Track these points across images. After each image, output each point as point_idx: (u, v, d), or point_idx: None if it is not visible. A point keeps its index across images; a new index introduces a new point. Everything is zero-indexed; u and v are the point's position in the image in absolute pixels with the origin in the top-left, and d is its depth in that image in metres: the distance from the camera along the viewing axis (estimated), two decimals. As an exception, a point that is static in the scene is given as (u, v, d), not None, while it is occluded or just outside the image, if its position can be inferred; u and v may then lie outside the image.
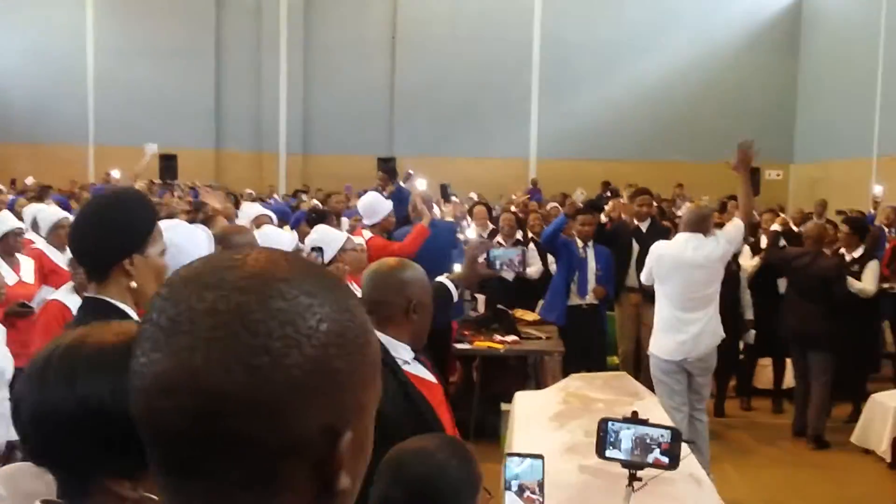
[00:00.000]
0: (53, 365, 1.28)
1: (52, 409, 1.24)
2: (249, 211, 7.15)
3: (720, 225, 7.97)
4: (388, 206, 6.79)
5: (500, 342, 6.87)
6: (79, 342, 1.31)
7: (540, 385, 6.70)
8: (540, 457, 2.65)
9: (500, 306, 7.48)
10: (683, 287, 5.93)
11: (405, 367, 2.62)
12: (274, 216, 6.98)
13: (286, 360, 0.73)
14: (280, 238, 4.94)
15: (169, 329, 0.74)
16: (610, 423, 2.88)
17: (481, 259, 4.07)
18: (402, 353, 2.64)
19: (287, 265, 0.79)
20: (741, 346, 8.23)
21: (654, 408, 4.73)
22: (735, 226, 6.14)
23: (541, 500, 2.62)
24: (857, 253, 7.76)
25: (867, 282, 7.51)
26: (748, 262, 8.09)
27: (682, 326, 5.95)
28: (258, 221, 6.35)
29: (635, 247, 8.03)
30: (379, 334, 2.56)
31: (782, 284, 7.90)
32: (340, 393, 0.77)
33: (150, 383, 0.74)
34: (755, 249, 8.36)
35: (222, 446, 0.73)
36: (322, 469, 0.77)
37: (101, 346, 1.29)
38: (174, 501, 0.77)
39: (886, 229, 11.25)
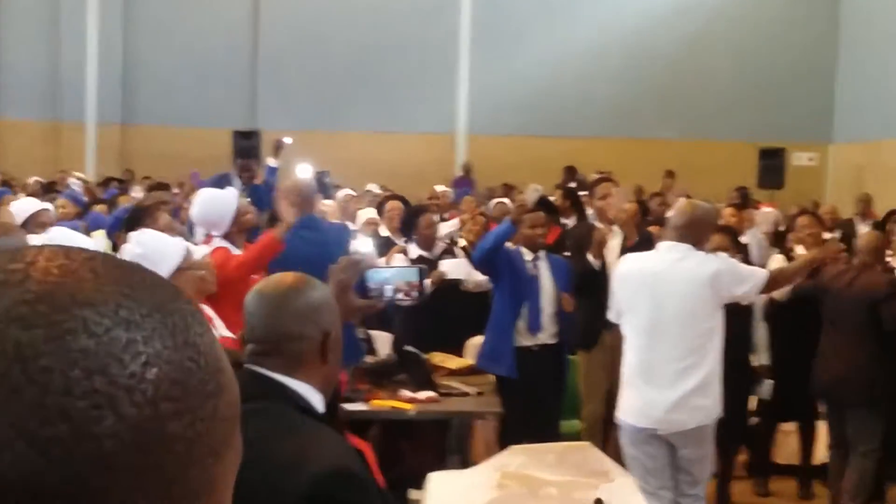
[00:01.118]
0: None
1: None
2: (24, 207, 7.06)
3: (729, 230, 8.04)
4: (230, 203, 6.74)
5: (410, 400, 6.82)
6: None
7: (467, 462, 6.74)
8: None
9: (408, 348, 7.42)
10: (652, 314, 5.85)
11: None
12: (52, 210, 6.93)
13: (95, 429, 0.69)
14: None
15: None
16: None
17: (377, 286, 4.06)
18: (318, 405, 2.66)
19: (93, 278, 0.75)
20: (753, 403, 8.32)
21: (629, 495, 4.73)
22: (756, 273, 6.27)
23: None
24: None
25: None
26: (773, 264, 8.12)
27: (652, 377, 5.87)
28: (38, 221, 6.23)
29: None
30: (291, 382, 2.59)
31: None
32: (180, 468, 0.74)
33: None
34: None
35: None
36: None
37: None
38: None
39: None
